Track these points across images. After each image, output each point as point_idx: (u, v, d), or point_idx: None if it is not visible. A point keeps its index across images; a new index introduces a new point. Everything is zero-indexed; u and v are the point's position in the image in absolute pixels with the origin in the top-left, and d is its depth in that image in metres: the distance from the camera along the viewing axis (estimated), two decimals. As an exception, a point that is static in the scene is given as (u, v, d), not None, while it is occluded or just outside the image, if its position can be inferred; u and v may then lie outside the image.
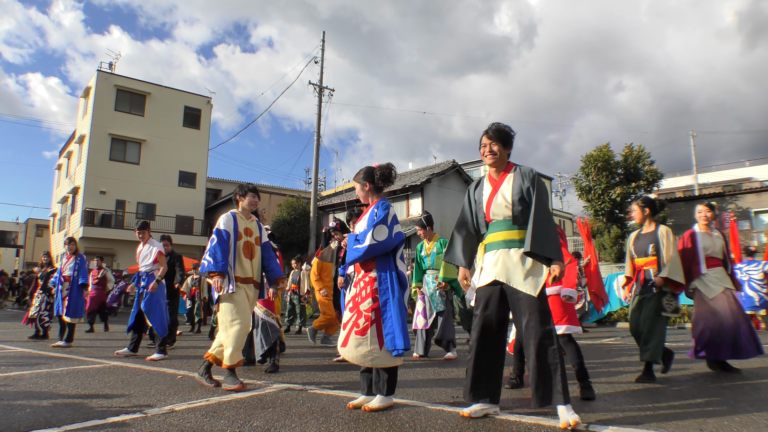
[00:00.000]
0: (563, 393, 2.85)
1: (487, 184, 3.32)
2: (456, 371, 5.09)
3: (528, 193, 3.09)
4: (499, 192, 3.19)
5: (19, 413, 3.25)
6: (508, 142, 3.25)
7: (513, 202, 3.11)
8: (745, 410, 3.25)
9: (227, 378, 4.22)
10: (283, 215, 23.41)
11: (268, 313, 5.26)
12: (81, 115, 31.14)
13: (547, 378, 2.90)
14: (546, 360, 2.91)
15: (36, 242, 43.53)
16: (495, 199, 3.18)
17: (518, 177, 3.17)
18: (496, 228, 3.18)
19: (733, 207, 20.88)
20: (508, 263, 3.07)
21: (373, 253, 3.44)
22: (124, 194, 28.35)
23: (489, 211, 3.21)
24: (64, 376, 4.79)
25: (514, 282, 3.03)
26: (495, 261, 3.12)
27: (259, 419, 3.07)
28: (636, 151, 19.98)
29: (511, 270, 3.05)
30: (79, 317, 8.04)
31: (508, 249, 3.10)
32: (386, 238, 3.43)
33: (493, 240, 3.18)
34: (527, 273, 3.01)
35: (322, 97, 23.18)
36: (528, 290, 2.98)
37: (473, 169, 33.95)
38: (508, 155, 3.29)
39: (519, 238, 3.09)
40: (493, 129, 3.25)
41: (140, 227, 6.87)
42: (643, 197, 5.01)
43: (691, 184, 35.71)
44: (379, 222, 3.46)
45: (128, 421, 3.03)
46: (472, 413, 3.06)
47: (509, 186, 3.17)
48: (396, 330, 3.34)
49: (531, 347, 2.94)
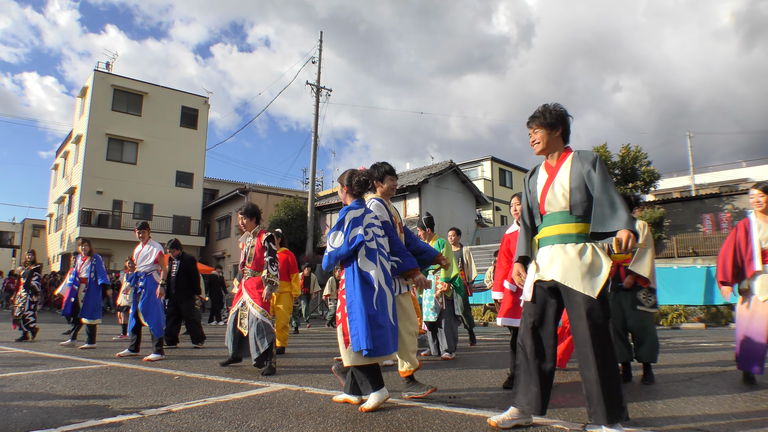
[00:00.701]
0: (624, 408, 2.59)
1: (542, 172, 3.02)
2: (453, 371, 5.09)
3: (589, 176, 2.78)
4: (556, 179, 2.89)
5: (16, 414, 3.24)
6: (554, 125, 2.94)
7: (571, 189, 2.82)
8: (742, 410, 3.26)
9: (409, 386, 3.80)
10: (280, 215, 23.38)
11: (265, 314, 5.22)
12: (78, 114, 31.08)
13: (611, 391, 2.57)
14: (610, 370, 2.61)
15: (33, 242, 43.40)
16: (551, 188, 2.88)
17: (577, 162, 2.86)
18: (552, 221, 2.89)
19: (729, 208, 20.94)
20: (565, 260, 2.77)
21: (333, 260, 3.54)
22: (121, 194, 28.31)
23: (544, 201, 2.92)
24: (60, 377, 4.78)
25: (570, 281, 2.73)
26: (550, 258, 2.84)
27: (256, 420, 3.07)
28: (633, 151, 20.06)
29: (568, 268, 2.75)
30: (98, 318, 8.06)
31: (564, 244, 2.81)
32: (342, 245, 3.48)
33: (548, 234, 2.91)
34: (586, 272, 2.71)
35: (320, 97, 23.18)
36: (587, 291, 2.68)
37: (470, 169, 34.00)
38: (559, 139, 2.98)
39: (576, 232, 2.81)
40: (532, 116, 3.00)
41: (140, 227, 6.87)
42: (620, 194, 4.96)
43: (688, 185, 35.80)
44: (334, 229, 3.56)
45: (125, 422, 3.03)
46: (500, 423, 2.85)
47: (566, 172, 2.87)
48: (360, 331, 3.34)
49: (590, 356, 2.62)
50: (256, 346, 5.13)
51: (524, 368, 2.89)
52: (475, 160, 35.24)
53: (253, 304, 5.25)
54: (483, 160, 34.90)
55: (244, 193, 28.81)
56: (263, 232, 5.49)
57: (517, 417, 2.85)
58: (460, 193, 26.39)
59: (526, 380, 2.87)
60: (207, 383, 4.45)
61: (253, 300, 5.27)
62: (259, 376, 4.84)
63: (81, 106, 30.43)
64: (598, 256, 2.76)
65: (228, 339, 5.53)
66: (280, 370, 5.22)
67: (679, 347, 7.26)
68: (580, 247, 2.78)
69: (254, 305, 5.24)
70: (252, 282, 5.38)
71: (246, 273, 5.46)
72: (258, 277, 5.39)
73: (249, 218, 5.50)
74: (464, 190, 26.72)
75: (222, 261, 29.61)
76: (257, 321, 5.19)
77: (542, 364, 2.85)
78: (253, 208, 5.58)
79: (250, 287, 5.36)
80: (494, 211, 33.32)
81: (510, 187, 35.57)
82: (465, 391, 4.02)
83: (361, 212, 3.63)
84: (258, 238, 5.47)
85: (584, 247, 2.78)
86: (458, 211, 25.33)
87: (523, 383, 2.89)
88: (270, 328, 5.19)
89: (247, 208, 5.54)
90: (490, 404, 3.48)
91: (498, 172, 34.98)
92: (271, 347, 5.11)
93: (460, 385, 4.25)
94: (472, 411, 3.26)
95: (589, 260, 2.74)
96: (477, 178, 32.92)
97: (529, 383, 2.86)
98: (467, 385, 4.32)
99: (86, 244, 8.35)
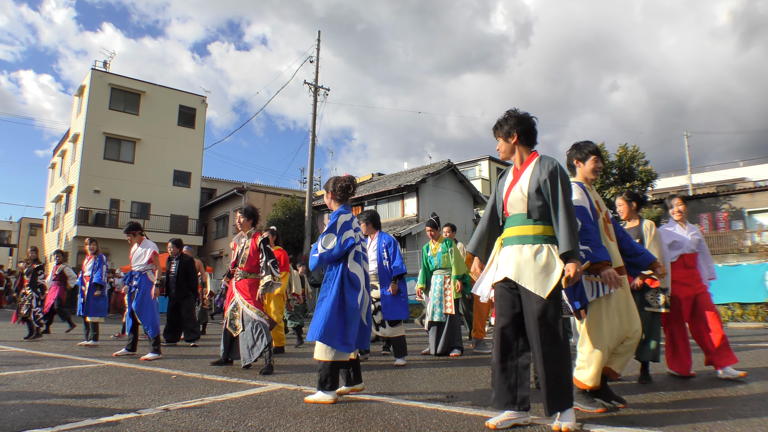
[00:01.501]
0: (570, 398, 2.78)
1: (509, 175, 3.16)
2: (451, 371, 5.09)
3: (545, 186, 2.89)
4: (517, 184, 3.02)
5: (13, 413, 3.24)
6: (509, 133, 3.07)
7: (529, 194, 2.94)
8: (738, 411, 3.27)
9: (581, 399, 3.26)
10: (278, 215, 23.38)
11: (260, 314, 5.21)
12: (75, 113, 31.01)
13: (559, 386, 2.76)
14: (556, 365, 2.77)
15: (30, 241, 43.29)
16: (512, 191, 3.02)
17: (537, 168, 2.97)
18: (512, 222, 3.02)
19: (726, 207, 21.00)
20: (520, 260, 2.89)
21: (324, 261, 3.73)
22: (119, 193, 28.26)
23: (507, 203, 3.06)
24: (57, 376, 4.77)
25: (524, 281, 2.85)
26: (507, 257, 2.97)
27: (253, 419, 3.07)
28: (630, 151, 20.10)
29: (523, 267, 2.87)
30: (100, 316, 8.17)
31: (521, 245, 2.93)
32: (335, 247, 3.68)
33: (509, 235, 3.02)
34: (539, 272, 2.82)
35: (317, 97, 23.16)
36: (538, 290, 2.80)
37: (468, 169, 34.03)
38: (518, 145, 3.07)
39: (533, 233, 2.92)
40: (497, 123, 3.14)
41: (127, 230, 6.81)
42: (628, 191, 4.93)
43: (685, 184, 35.88)
44: (327, 231, 3.70)
45: (122, 421, 3.02)
46: (498, 425, 2.83)
47: (526, 178, 2.99)
48: (319, 323, 3.58)
49: (538, 353, 2.79)
50: (255, 347, 5.11)
51: (497, 368, 2.94)
52: (473, 160, 35.28)
53: (248, 305, 5.24)
54: (480, 159, 34.94)
55: (241, 193, 28.78)
56: (258, 234, 5.50)
57: (514, 417, 2.87)
58: (458, 192, 26.40)
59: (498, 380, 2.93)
60: (204, 382, 4.44)
61: (246, 301, 5.26)
62: (256, 375, 4.84)
63: (78, 105, 30.36)
64: (553, 257, 2.86)
65: (222, 340, 5.56)
66: (278, 369, 5.22)
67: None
68: (536, 248, 2.90)
69: (249, 307, 5.23)
70: (244, 283, 5.37)
71: (237, 274, 5.46)
72: (250, 278, 5.39)
73: (247, 218, 5.51)
74: (462, 190, 26.74)
75: (219, 260, 29.60)
76: (254, 322, 5.17)
77: (511, 361, 2.93)
78: (252, 210, 5.60)
79: (242, 288, 5.36)
80: (492, 210, 33.32)
81: (508, 187, 35.55)
82: (463, 391, 4.02)
83: (350, 216, 3.86)
84: (253, 239, 5.46)
85: (540, 248, 2.90)
86: (456, 210, 25.34)
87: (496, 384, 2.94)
88: (267, 329, 5.18)
89: (246, 209, 5.55)
90: (488, 404, 3.48)
91: (496, 171, 35.00)
92: (268, 347, 5.10)
93: (458, 385, 4.25)
94: (469, 410, 3.26)
95: (543, 261, 2.85)
96: (475, 178, 32.96)
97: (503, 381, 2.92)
98: (465, 384, 4.32)
99: (93, 243, 8.41)
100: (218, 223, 31.53)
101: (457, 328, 6.48)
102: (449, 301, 6.42)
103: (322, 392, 3.59)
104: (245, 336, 5.19)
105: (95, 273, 8.23)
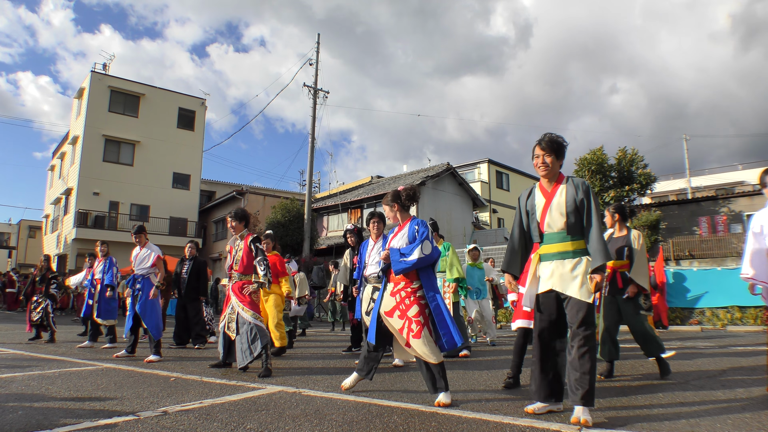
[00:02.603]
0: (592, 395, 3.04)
1: (539, 195, 3.39)
2: (450, 374, 5.06)
3: (581, 204, 3.21)
4: (553, 203, 3.29)
5: (11, 415, 3.23)
6: (560, 152, 3.33)
7: (567, 214, 3.22)
8: (737, 412, 3.27)
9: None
10: (277, 217, 23.35)
11: (256, 317, 5.22)
12: (74, 116, 31.01)
13: (591, 381, 3.04)
14: (592, 364, 3.07)
15: (29, 243, 43.28)
16: (549, 211, 3.29)
17: (571, 188, 3.27)
18: (551, 240, 3.30)
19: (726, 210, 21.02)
20: (564, 273, 3.21)
21: (421, 264, 3.84)
22: (118, 196, 28.24)
23: (543, 222, 3.31)
24: (56, 378, 4.77)
25: (570, 291, 3.17)
26: (551, 272, 3.26)
27: (252, 422, 3.06)
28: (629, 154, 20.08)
29: (567, 280, 3.19)
30: (112, 318, 8.18)
31: (562, 260, 3.24)
32: (432, 251, 3.87)
33: (548, 251, 3.31)
34: (582, 282, 3.15)
35: (317, 99, 23.18)
36: (583, 297, 3.12)
37: (467, 171, 34.03)
38: (560, 166, 3.38)
39: (572, 249, 3.23)
40: (546, 140, 3.32)
41: (136, 231, 6.91)
42: (615, 204, 5.17)
43: (684, 188, 35.91)
44: (426, 238, 3.90)
45: (120, 423, 3.02)
46: (536, 410, 3.22)
47: (562, 198, 3.26)
48: (451, 329, 3.74)
49: (576, 351, 3.10)
50: (250, 350, 5.12)
51: (537, 366, 3.28)
52: (472, 163, 35.27)
53: (243, 308, 5.26)
54: (480, 162, 34.93)
55: (241, 195, 28.78)
56: (249, 234, 5.55)
57: (549, 406, 3.25)
58: (457, 195, 26.42)
59: (538, 376, 3.26)
60: (203, 385, 4.44)
61: (242, 304, 5.28)
62: (255, 378, 4.83)
63: (78, 107, 30.36)
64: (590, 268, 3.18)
65: (219, 343, 5.57)
66: (277, 372, 5.21)
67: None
68: (575, 261, 3.22)
69: (244, 309, 5.25)
70: (239, 285, 5.41)
71: (233, 276, 5.49)
72: (245, 280, 5.43)
73: (238, 221, 5.57)
74: (461, 193, 26.76)
75: (219, 263, 29.57)
76: (249, 325, 5.19)
77: (550, 360, 3.26)
78: (242, 212, 5.67)
79: (237, 291, 5.38)
80: (491, 213, 33.36)
81: (507, 190, 35.59)
82: (461, 393, 4.02)
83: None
84: (244, 240, 5.51)
85: (579, 260, 3.21)
86: (455, 213, 25.35)
87: (537, 379, 3.27)
88: (264, 331, 5.19)
89: (236, 212, 5.62)
90: (487, 407, 3.48)
91: (495, 174, 35.02)
92: (264, 350, 5.11)
93: (456, 388, 4.25)
94: (468, 414, 3.27)
95: (582, 273, 3.18)
96: (474, 181, 32.95)
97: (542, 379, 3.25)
98: (464, 387, 4.33)
99: (104, 246, 8.42)
100: (217, 226, 31.50)
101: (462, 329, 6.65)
102: (448, 304, 6.54)
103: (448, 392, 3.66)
104: (240, 339, 5.21)
105: (106, 274, 8.24)
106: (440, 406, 3.47)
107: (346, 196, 28.18)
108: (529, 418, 3.11)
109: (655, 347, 4.71)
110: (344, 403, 3.65)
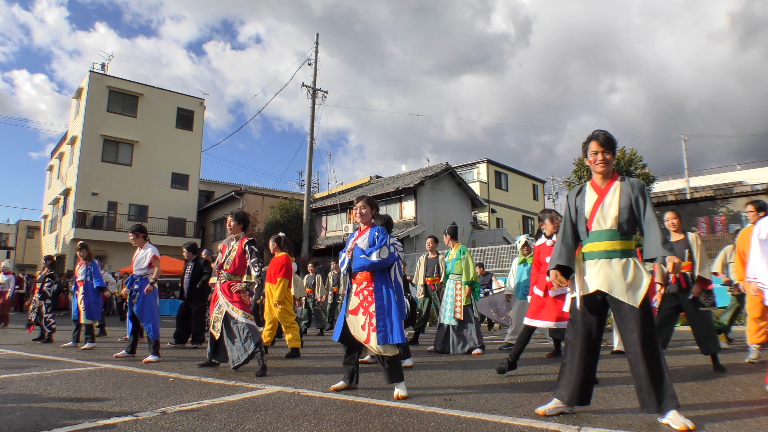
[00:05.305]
0: (674, 397, 2.93)
1: (590, 192, 3.31)
2: (449, 373, 5.09)
3: (637, 202, 3.15)
4: (605, 200, 3.21)
5: (9, 416, 3.22)
6: (615, 150, 3.32)
7: (620, 210, 3.14)
8: (736, 413, 3.27)
9: None
10: (275, 217, 23.34)
11: (247, 316, 5.27)
12: (73, 116, 30.99)
13: (660, 383, 2.95)
14: (658, 366, 2.98)
15: (27, 244, 43.26)
16: (601, 208, 3.20)
17: (626, 186, 3.20)
18: (598, 237, 3.20)
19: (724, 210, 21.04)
20: (611, 274, 3.11)
21: (377, 267, 4.12)
22: (116, 196, 28.24)
23: (593, 219, 3.23)
24: (54, 379, 4.76)
25: (617, 293, 3.08)
26: (597, 271, 3.17)
27: (251, 422, 3.06)
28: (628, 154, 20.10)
29: (614, 281, 3.10)
30: (95, 319, 8.19)
31: (609, 259, 3.14)
32: (388, 257, 4.15)
33: (594, 249, 3.22)
34: (630, 284, 3.06)
35: (315, 99, 23.17)
36: (631, 301, 3.04)
37: (466, 171, 34.05)
38: (613, 164, 3.36)
39: (621, 248, 3.14)
40: (606, 137, 3.27)
41: (134, 231, 6.86)
42: (673, 209, 5.37)
43: (682, 188, 35.95)
44: (383, 245, 4.16)
45: (119, 424, 3.02)
46: (547, 411, 3.19)
47: (616, 195, 3.19)
48: (395, 326, 3.98)
49: (639, 355, 2.99)
50: (244, 349, 5.17)
51: (569, 365, 3.23)
52: (471, 163, 35.28)
53: (232, 308, 5.29)
54: (479, 162, 34.95)
55: (239, 195, 28.78)
56: (245, 237, 5.58)
57: (561, 406, 3.20)
58: (456, 195, 26.43)
59: (568, 376, 3.21)
60: (202, 385, 4.43)
61: (231, 304, 5.32)
62: (254, 378, 4.83)
63: (76, 107, 30.34)
64: (639, 270, 3.11)
65: (209, 342, 5.62)
66: (276, 372, 5.21)
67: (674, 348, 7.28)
68: (623, 262, 3.12)
69: (234, 309, 5.29)
70: (228, 285, 5.44)
71: (222, 276, 5.51)
72: (234, 281, 5.47)
73: (237, 222, 5.62)
74: (460, 193, 26.77)
75: (217, 263, 29.51)
76: (240, 324, 5.23)
77: (585, 362, 3.19)
78: (243, 215, 5.72)
79: (225, 290, 5.41)
80: (490, 213, 33.37)
81: (506, 190, 35.62)
82: (461, 393, 4.02)
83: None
84: (239, 242, 5.55)
85: (627, 262, 3.13)
86: (454, 213, 25.36)
87: (566, 378, 3.22)
88: (255, 330, 5.24)
89: (237, 213, 5.67)
90: (486, 407, 3.48)
91: (494, 174, 35.03)
92: (258, 347, 5.14)
93: (456, 388, 4.25)
94: (467, 414, 3.26)
95: (631, 274, 3.09)
96: (473, 181, 32.97)
97: (571, 379, 3.19)
98: (463, 387, 4.32)
99: (84, 250, 8.41)
100: (216, 226, 31.49)
101: (474, 330, 6.87)
102: (459, 307, 6.83)
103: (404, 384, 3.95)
104: (233, 339, 5.25)
105: (95, 278, 8.24)
106: (398, 399, 3.75)
107: (344, 196, 28.18)
108: (527, 418, 3.11)
109: (712, 345, 5.01)
110: (343, 403, 3.65)
